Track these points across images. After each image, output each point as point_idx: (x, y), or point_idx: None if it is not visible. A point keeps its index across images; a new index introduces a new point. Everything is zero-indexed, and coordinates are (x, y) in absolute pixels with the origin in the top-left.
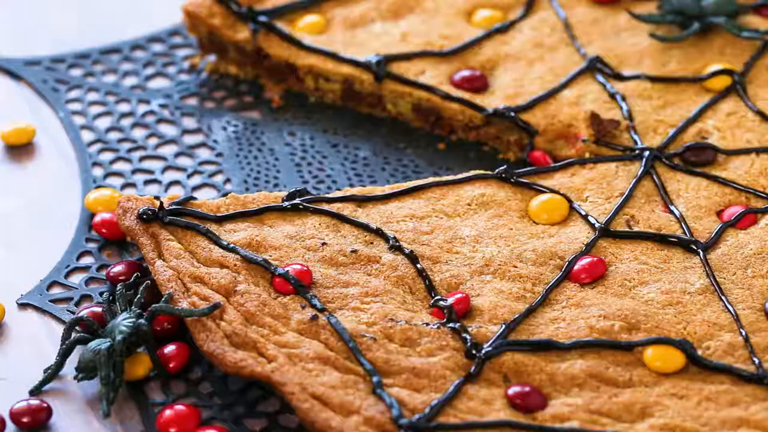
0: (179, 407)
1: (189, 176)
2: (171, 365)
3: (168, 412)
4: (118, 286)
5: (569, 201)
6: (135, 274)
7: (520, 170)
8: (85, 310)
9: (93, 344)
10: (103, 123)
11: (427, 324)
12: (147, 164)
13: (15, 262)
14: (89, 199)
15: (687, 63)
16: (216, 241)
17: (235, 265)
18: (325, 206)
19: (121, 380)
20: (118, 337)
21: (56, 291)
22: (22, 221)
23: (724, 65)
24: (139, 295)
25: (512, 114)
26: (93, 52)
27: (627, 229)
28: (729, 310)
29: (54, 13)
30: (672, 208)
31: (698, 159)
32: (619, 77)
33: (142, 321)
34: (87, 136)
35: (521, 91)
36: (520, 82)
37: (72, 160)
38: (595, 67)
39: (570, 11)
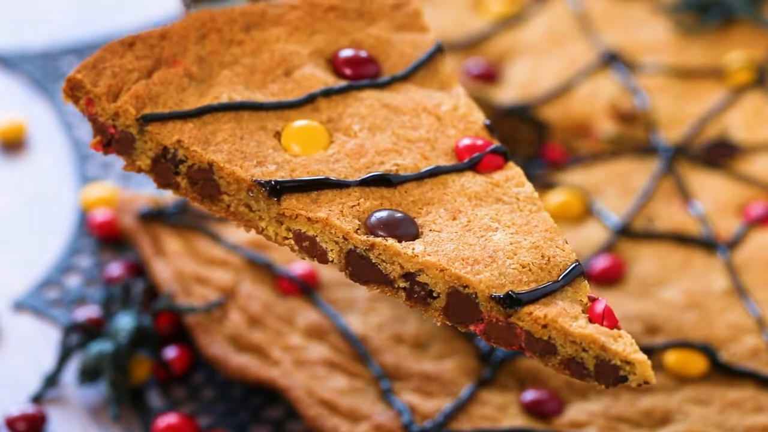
0: (172, 419)
1: None
2: (173, 368)
3: (160, 424)
4: (116, 287)
5: (586, 199)
6: (133, 275)
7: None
8: (81, 313)
9: (95, 347)
10: None
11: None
12: None
13: (8, 262)
14: (85, 197)
15: (708, 54)
16: (218, 240)
17: (238, 265)
18: None
19: (128, 381)
20: (122, 336)
21: (51, 292)
22: (16, 220)
23: (747, 56)
24: (137, 295)
25: (526, 109)
26: (89, 44)
27: (646, 229)
28: (753, 312)
29: (49, 3)
30: (693, 205)
31: (720, 154)
32: (637, 70)
33: (145, 319)
34: (83, 131)
35: (536, 85)
36: (534, 76)
37: (67, 155)
38: (613, 59)
39: (587, 2)
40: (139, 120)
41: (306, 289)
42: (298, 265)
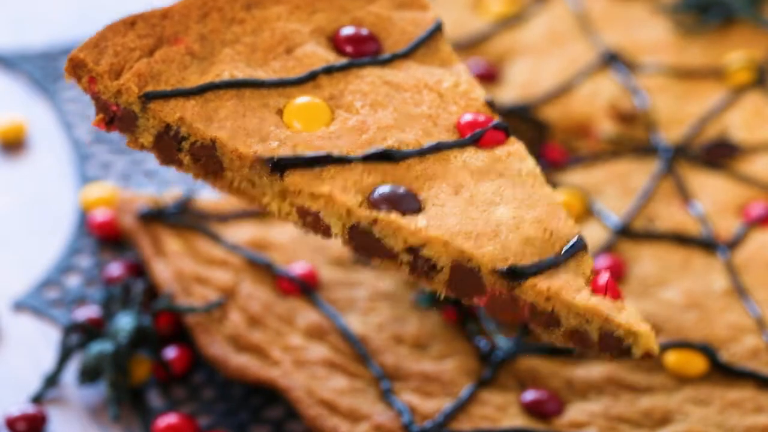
0: (172, 419)
1: None
2: (173, 368)
3: (160, 424)
4: (116, 287)
5: (586, 198)
6: (133, 275)
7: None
8: (81, 313)
9: (95, 347)
10: None
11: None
12: (146, 161)
13: (8, 262)
14: (86, 198)
15: (708, 54)
16: (218, 240)
17: (238, 265)
18: None
19: (128, 381)
20: (122, 336)
21: (51, 292)
22: (16, 220)
23: (747, 56)
24: (137, 295)
25: (526, 110)
26: None
27: (646, 229)
28: (753, 312)
29: (49, 3)
30: (693, 205)
31: (720, 154)
32: (637, 70)
33: (145, 319)
34: (83, 131)
35: (536, 85)
36: (534, 76)
37: (67, 155)
38: (613, 59)
39: (587, 2)
40: (141, 97)
41: (306, 289)
42: (298, 265)
